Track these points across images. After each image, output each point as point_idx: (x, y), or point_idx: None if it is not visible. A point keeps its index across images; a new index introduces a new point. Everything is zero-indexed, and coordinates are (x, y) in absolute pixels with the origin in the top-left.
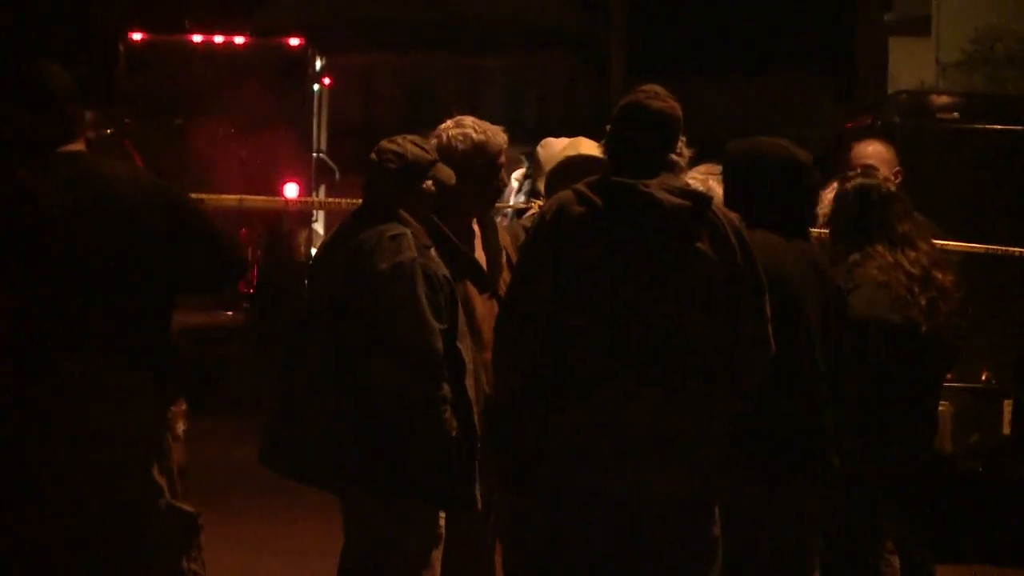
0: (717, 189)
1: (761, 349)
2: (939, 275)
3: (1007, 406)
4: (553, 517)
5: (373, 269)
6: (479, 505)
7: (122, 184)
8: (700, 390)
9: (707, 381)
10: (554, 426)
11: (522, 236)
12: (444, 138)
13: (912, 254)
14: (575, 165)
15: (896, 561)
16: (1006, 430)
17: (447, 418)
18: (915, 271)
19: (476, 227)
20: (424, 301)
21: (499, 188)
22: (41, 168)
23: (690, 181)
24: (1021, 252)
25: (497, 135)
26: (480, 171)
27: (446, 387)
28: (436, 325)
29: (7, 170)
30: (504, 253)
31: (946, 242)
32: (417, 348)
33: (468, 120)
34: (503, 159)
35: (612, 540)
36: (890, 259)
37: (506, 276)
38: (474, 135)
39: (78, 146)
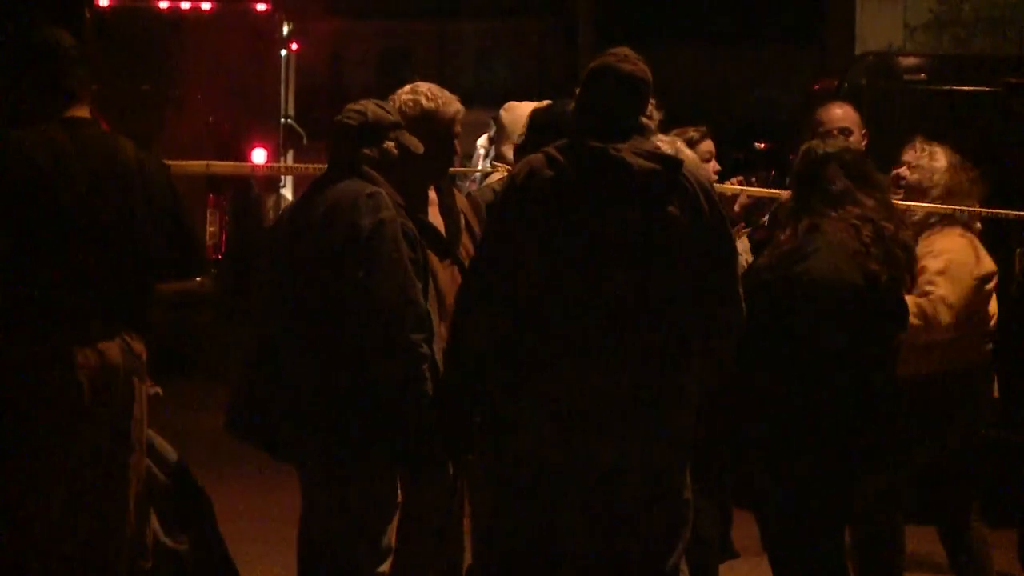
0: (687, 152)
1: (733, 312)
2: (889, 226)
3: None
4: (524, 485)
5: (354, 226)
6: (450, 468)
7: (127, 153)
8: (673, 355)
9: (680, 346)
10: (524, 394)
11: (491, 200)
12: (397, 103)
13: (854, 209)
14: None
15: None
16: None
17: (428, 377)
18: (860, 224)
19: (433, 194)
20: (407, 258)
21: (451, 156)
22: (53, 131)
23: (660, 144)
24: (988, 212)
25: (451, 103)
26: (430, 138)
27: (426, 346)
28: (419, 283)
29: (20, 135)
30: (463, 218)
31: (913, 203)
32: (403, 304)
33: (423, 87)
34: (458, 128)
35: (584, 507)
36: (833, 215)
37: (466, 242)
38: (424, 102)
39: (84, 111)
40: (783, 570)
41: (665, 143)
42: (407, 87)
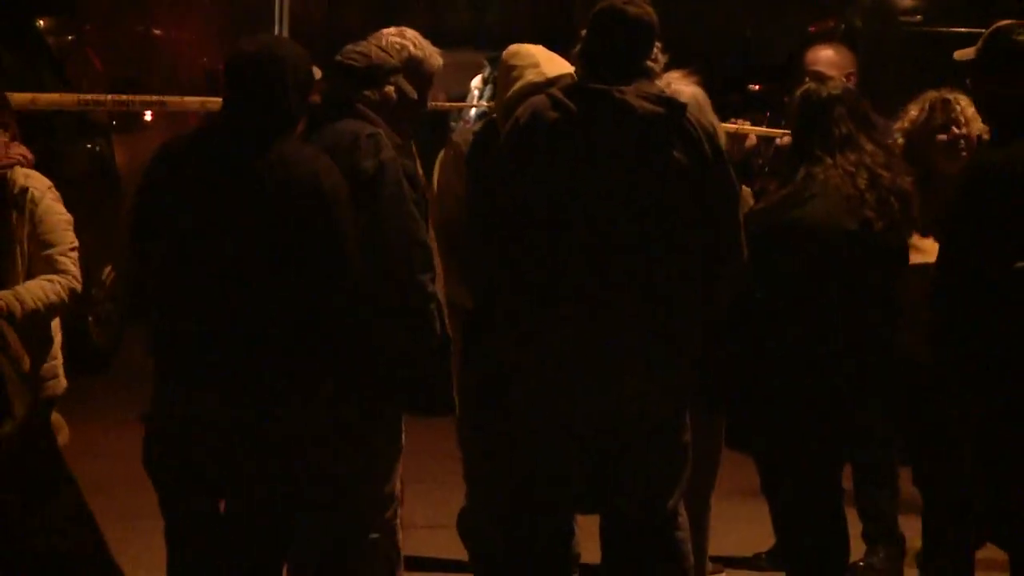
0: (683, 88)
1: (735, 257)
2: (887, 174)
3: None
4: (522, 430)
5: (356, 167)
6: (456, 409)
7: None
8: (674, 299)
9: (681, 290)
10: (523, 338)
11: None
12: (383, 43)
13: (852, 156)
14: (541, 90)
15: None
16: None
17: (436, 316)
18: (856, 171)
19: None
20: (410, 199)
21: (424, 107)
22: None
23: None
24: None
25: (434, 57)
26: (412, 85)
27: (432, 286)
28: (423, 222)
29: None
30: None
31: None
32: (409, 244)
33: (410, 33)
34: (433, 82)
35: (584, 450)
36: (829, 161)
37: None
38: (412, 48)
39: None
40: (780, 514)
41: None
42: (392, 29)
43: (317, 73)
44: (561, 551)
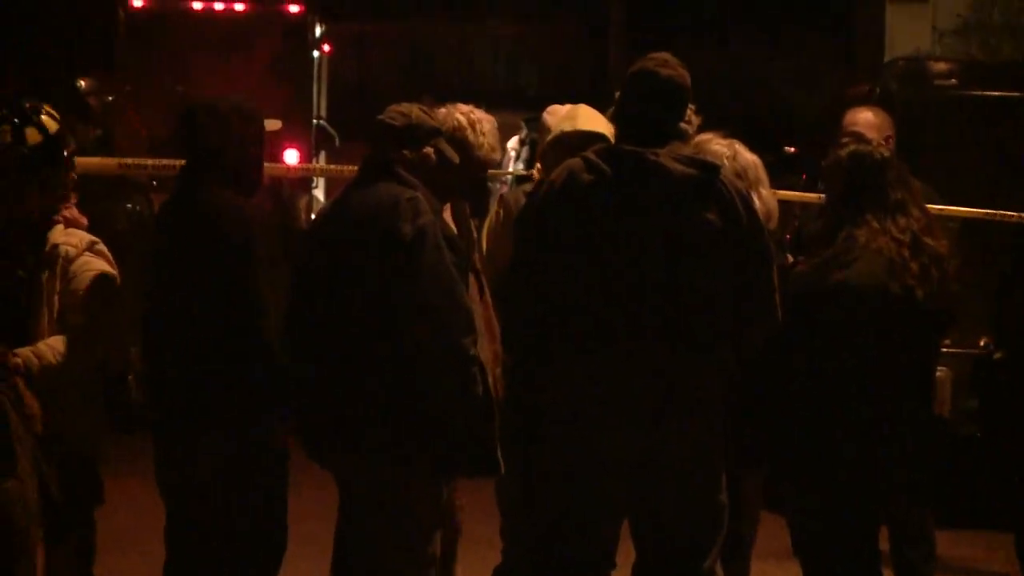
0: (745, 155)
1: (769, 319)
2: (930, 241)
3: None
4: (557, 476)
5: (395, 231)
6: (502, 469)
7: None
8: (702, 356)
9: (709, 347)
10: (560, 386)
11: (523, 203)
12: (451, 119)
13: (903, 221)
14: (569, 140)
15: None
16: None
17: (479, 379)
18: (904, 237)
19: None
20: (450, 262)
21: (476, 183)
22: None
23: (715, 147)
24: (1019, 217)
25: (494, 151)
26: (463, 158)
27: (474, 348)
28: (463, 285)
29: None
30: (472, 227)
31: (944, 207)
32: (450, 309)
33: (480, 117)
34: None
35: (617, 500)
36: (877, 227)
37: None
38: (462, 121)
39: None
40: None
41: (722, 145)
42: (467, 107)
43: (272, 125)
44: None
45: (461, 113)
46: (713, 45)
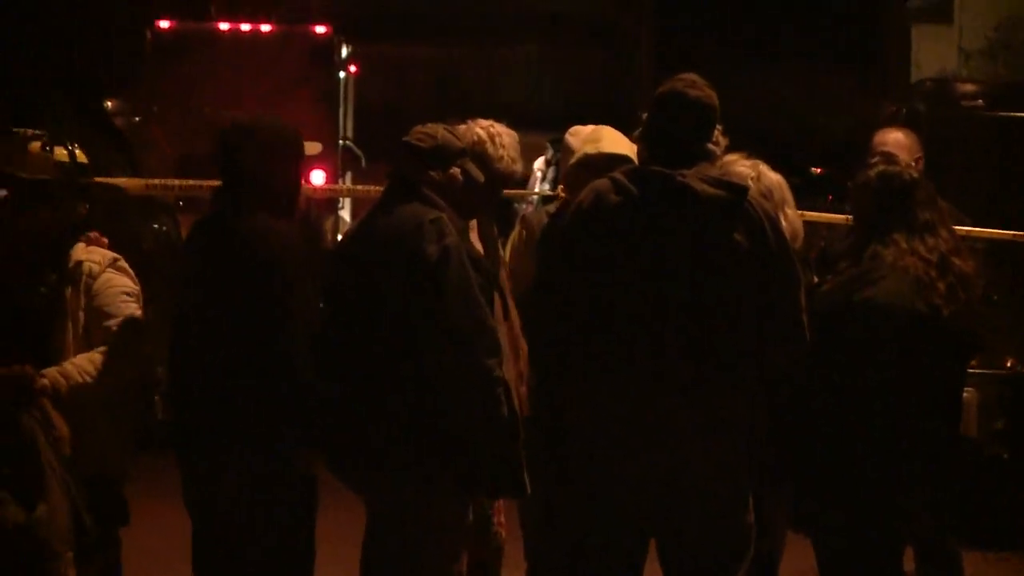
0: (769, 175)
1: (796, 340)
2: (958, 262)
3: None
4: (582, 495)
5: (420, 253)
6: (528, 490)
7: None
8: (729, 378)
9: (733, 367)
10: (583, 405)
11: (545, 223)
12: (471, 134)
13: (931, 241)
14: (594, 162)
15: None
16: None
17: (504, 400)
18: (932, 257)
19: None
20: (475, 283)
21: (498, 199)
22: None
23: (740, 168)
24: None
25: (515, 163)
26: (486, 176)
27: (499, 369)
28: (487, 306)
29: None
30: (499, 246)
31: (971, 228)
32: (475, 330)
33: (500, 130)
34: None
35: (638, 519)
36: (905, 246)
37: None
38: (482, 135)
39: None
40: None
41: (747, 167)
42: (487, 121)
43: (312, 149)
44: None
45: (480, 127)
46: (740, 67)
